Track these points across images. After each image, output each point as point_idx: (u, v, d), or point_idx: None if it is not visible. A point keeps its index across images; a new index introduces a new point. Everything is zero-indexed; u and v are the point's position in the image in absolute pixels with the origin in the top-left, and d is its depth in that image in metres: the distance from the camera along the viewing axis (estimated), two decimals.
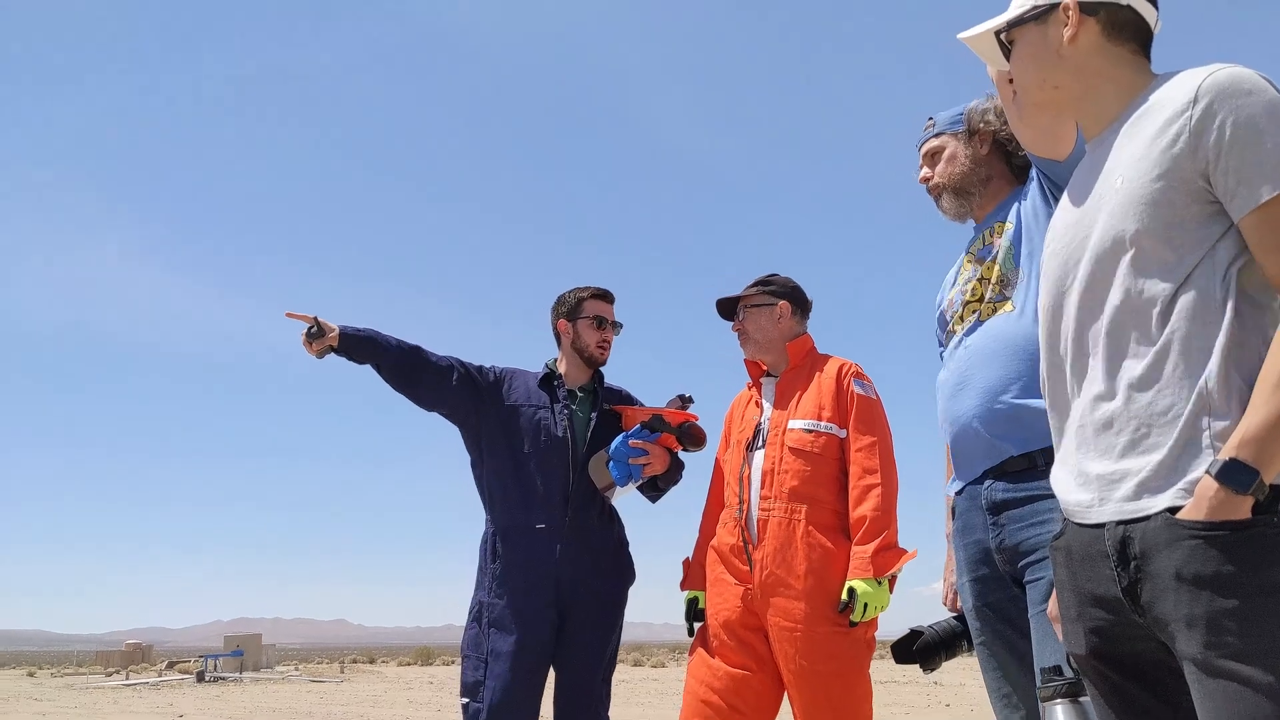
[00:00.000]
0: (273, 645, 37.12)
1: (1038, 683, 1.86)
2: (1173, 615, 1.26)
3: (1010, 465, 2.07)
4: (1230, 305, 1.29)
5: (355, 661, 36.54)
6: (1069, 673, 1.65)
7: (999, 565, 2.10)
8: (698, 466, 3.34)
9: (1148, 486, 1.31)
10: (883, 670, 18.94)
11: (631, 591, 3.29)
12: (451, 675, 23.91)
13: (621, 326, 3.40)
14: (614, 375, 3.52)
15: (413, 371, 3.21)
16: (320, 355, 3.09)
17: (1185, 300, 1.31)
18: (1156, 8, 1.51)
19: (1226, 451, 1.23)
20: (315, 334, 3.05)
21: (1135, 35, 1.50)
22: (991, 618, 2.14)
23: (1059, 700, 1.69)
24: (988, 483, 2.12)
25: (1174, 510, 1.27)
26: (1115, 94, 1.48)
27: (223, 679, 22.77)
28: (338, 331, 3.07)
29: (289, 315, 3.08)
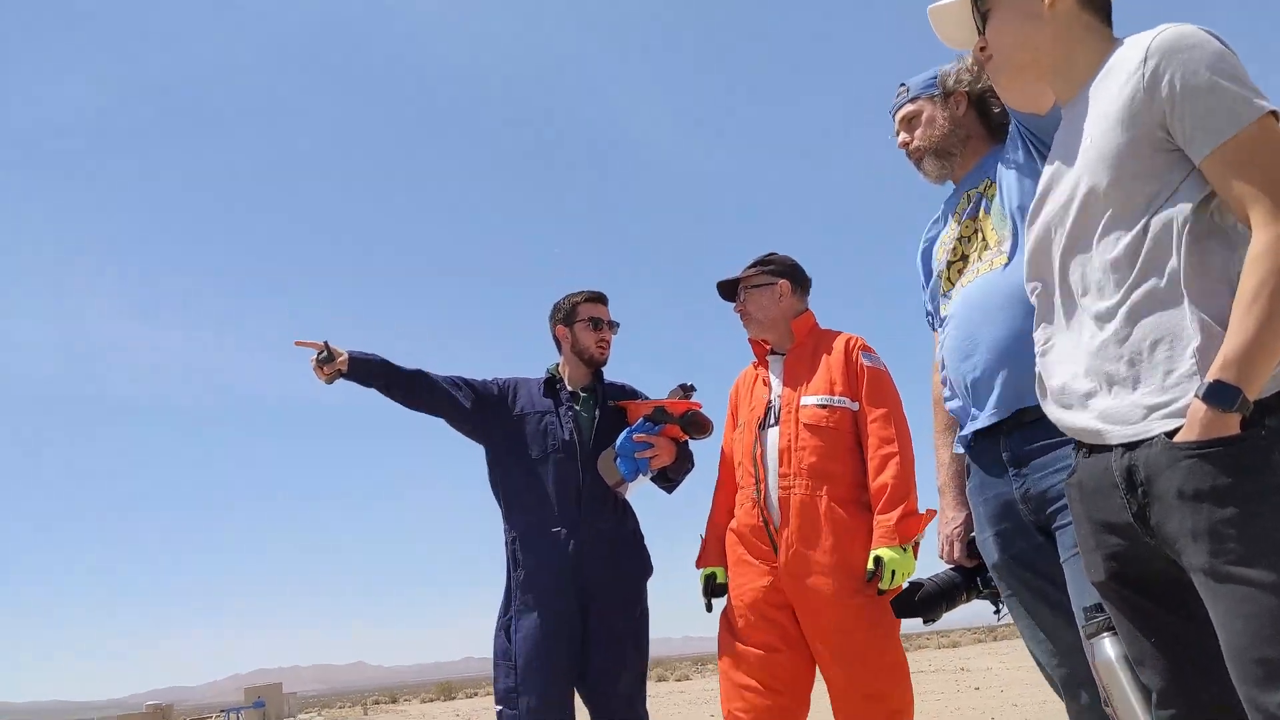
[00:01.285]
0: (293, 694, 36.88)
1: (1080, 621, 1.89)
2: (1179, 531, 1.36)
3: (1027, 415, 2.08)
4: (1200, 240, 1.40)
5: (378, 702, 36.29)
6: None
7: (1023, 515, 2.11)
8: (710, 455, 3.39)
9: (1145, 414, 1.42)
10: (908, 660, 18.87)
11: (649, 607, 3.32)
12: (475, 708, 23.73)
13: (618, 325, 3.47)
14: (615, 373, 3.56)
15: (422, 391, 3.29)
16: (330, 381, 3.14)
17: (1158, 240, 1.42)
18: None
19: (1211, 374, 1.33)
20: (325, 359, 3.08)
21: (1102, 6, 1.64)
22: (1018, 568, 2.15)
23: (1105, 634, 1.72)
24: (1005, 435, 2.14)
25: (1171, 434, 1.38)
26: (1086, 59, 1.60)
27: None
28: (347, 356, 3.11)
29: (298, 344, 3.12)
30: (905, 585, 2.41)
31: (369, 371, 3.18)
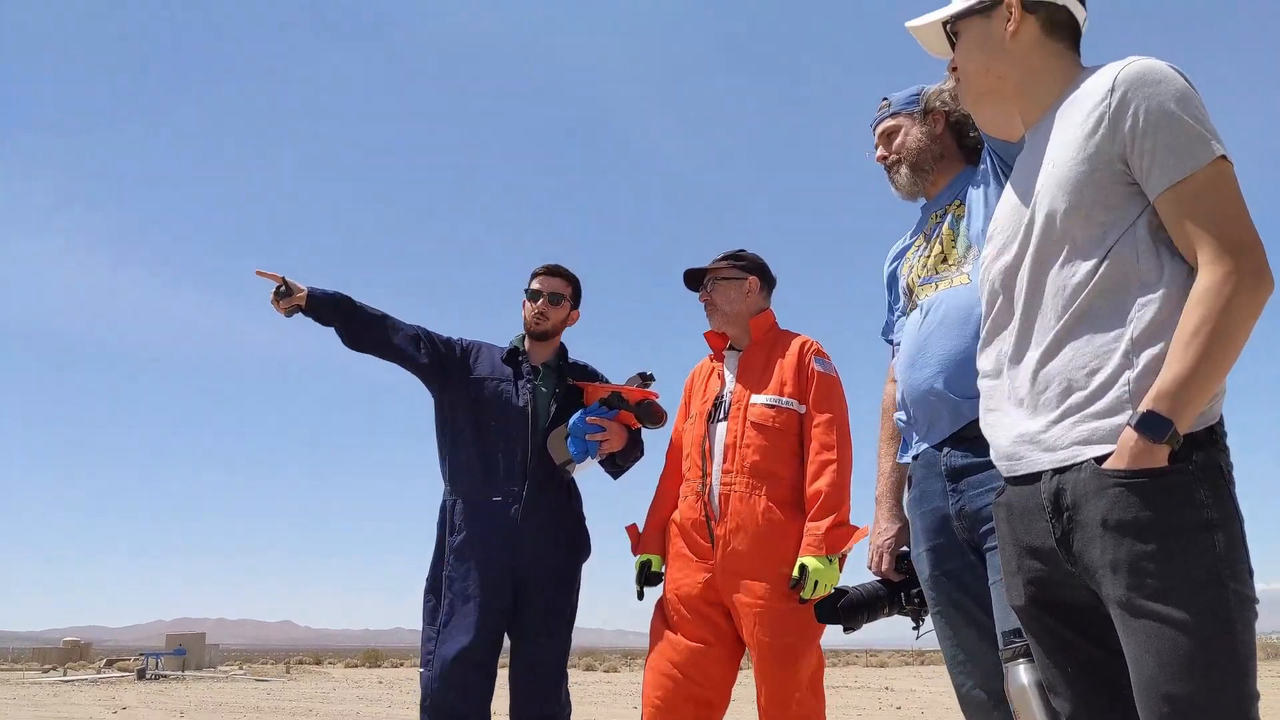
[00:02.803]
0: (216, 645, 36.43)
1: (1000, 645, 1.91)
2: (1099, 562, 1.38)
3: (969, 431, 2.11)
4: (1148, 274, 1.43)
5: (301, 662, 35.95)
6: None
7: (958, 532, 2.14)
8: (660, 445, 3.36)
9: (1076, 438, 1.43)
10: (833, 676, 19.09)
11: (582, 600, 3.30)
12: (400, 677, 23.63)
13: (564, 298, 3.35)
14: (583, 355, 3.53)
15: (381, 334, 3.22)
16: (288, 314, 3.08)
17: (1108, 270, 1.44)
18: (1086, 9, 1.66)
19: (1145, 404, 1.36)
20: (283, 293, 3.03)
21: (1069, 34, 1.64)
22: (948, 586, 2.18)
23: (1020, 660, 1.75)
24: (946, 449, 2.16)
25: (1100, 460, 1.39)
26: (1051, 85, 1.62)
27: (164, 677, 22.27)
28: (305, 292, 3.05)
29: (259, 273, 3.05)
30: (830, 591, 2.42)
31: (330, 310, 3.11)
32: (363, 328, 3.19)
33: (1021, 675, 1.74)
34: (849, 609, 2.37)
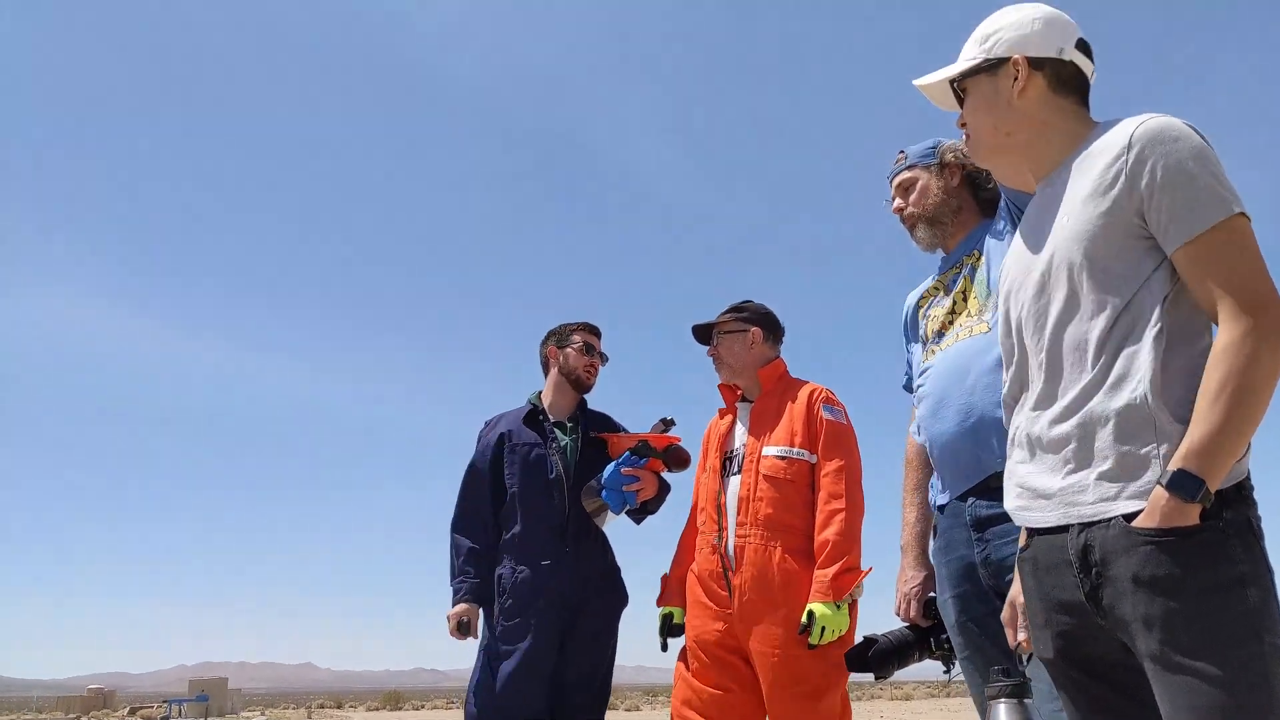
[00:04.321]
0: (238, 690, 36.33)
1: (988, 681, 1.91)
2: (1131, 616, 1.37)
3: (993, 482, 2.11)
4: (1166, 330, 1.42)
5: (323, 706, 35.78)
6: (1018, 673, 1.75)
7: (983, 580, 2.14)
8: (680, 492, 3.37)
9: (1103, 494, 1.42)
10: (859, 711, 18.79)
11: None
12: (421, 719, 23.42)
13: (607, 359, 3.58)
14: (596, 404, 3.65)
15: (496, 535, 3.39)
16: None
17: (1126, 325, 1.44)
18: (1092, 60, 1.66)
19: (1175, 463, 1.35)
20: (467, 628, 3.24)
21: (1077, 88, 1.65)
22: (974, 632, 2.18)
23: (1002, 699, 1.75)
24: (971, 500, 2.16)
25: (1129, 517, 1.38)
26: (1061, 140, 1.62)
27: None
28: (477, 610, 3.26)
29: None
30: (860, 640, 2.42)
31: (488, 589, 3.28)
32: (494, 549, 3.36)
33: (1002, 715, 1.75)
34: (879, 657, 2.37)
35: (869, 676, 2.47)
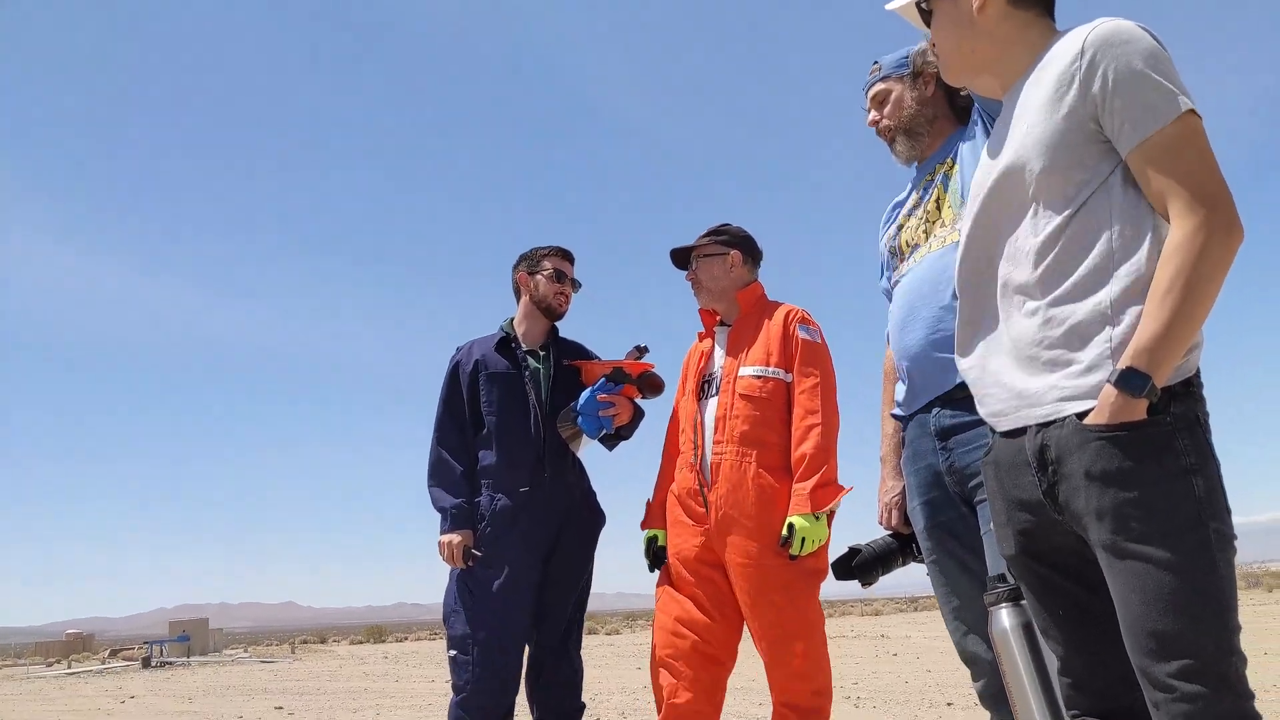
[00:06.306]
0: (220, 630, 36.61)
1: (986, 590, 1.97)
2: (1085, 509, 1.44)
3: (956, 393, 2.16)
4: (1122, 229, 1.47)
5: (306, 642, 36.20)
6: (1012, 580, 1.78)
7: (949, 487, 2.20)
8: (656, 418, 3.43)
9: (1059, 395, 1.49)
10: (831, 626, 19.36)
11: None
12: (405, 651, 23.86)
13: (580, 285, 3.54)
14: (573, 332, 3.63)
15: (473, 456, 3.37)
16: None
17: (1083, 227, 1.49)
18: None
19: (1123, 360, 1.40)
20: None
21: (1038, 1, 1.67)
22: (943, 536, 2.26)
23: (1003, 604, 1.81)
24: (935, 410, 2.22)
25: (1081, 415, 1.45)
26: (1024, 53, 1.65)
27: (170, 664, 22.41)
28: (471, 536, 3.23)
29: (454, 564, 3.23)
30: (845, 549, 2.48)
31: (476, 511, 3.27)
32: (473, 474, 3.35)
33: (1004, 618, 1.81)
34: (864, 565, 2.44)
35: (838, 590, 2.54)
